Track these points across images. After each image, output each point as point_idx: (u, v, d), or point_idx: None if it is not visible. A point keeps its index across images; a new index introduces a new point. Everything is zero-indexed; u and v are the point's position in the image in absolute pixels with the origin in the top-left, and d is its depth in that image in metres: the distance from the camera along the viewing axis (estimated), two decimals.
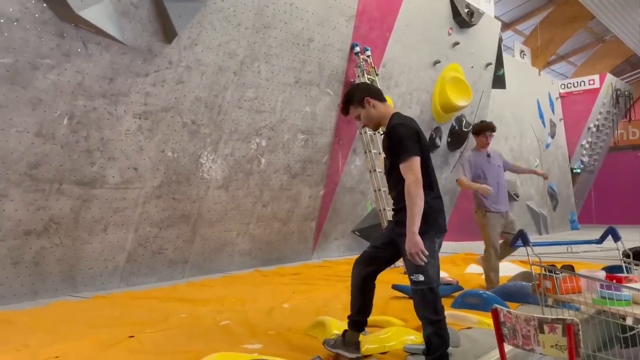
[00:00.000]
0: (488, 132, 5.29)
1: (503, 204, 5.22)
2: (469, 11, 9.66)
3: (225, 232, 6.97)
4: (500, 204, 5.19)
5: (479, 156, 5.32)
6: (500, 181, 5.27)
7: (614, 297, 2.51)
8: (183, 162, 6.18)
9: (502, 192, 5.24)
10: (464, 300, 4.44)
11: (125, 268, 5.99)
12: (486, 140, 5.30)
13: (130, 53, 5.31)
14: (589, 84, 16.69)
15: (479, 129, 5.35)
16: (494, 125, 5.42)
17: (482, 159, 5.30)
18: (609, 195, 19.67)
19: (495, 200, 5.16)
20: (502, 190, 5.24)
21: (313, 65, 7.25)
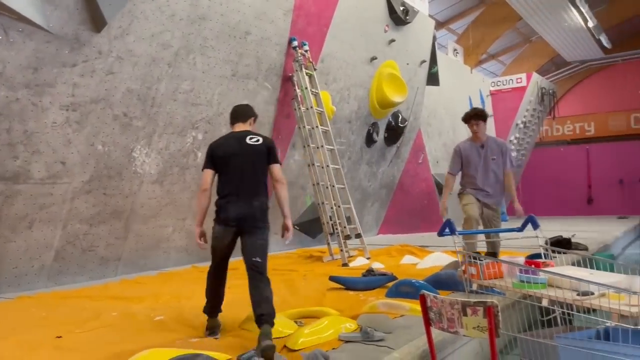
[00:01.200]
0: (473, 121, 5.07)
1: (486, 194, 5.14)
2: (404, 9, 9.89)
3: (160, 228, 6.81)
4: (481, 191, 5.13)
5: (471, 147, 5.14)
6: (493, 174, 5.11)
7: (531, 281, 2.68)
8: (114, 156, 5.98)
9: (491, 183, 5.11)
10: (398, 289, 4.58)
11: (53, 267, 5.73)
12: (472, 129, 5.11)
13: (56, 42, 5.07)
14: (516, 82, 17.53)
15: (464, 118, 5.19)
16: (479, 111, 5.18)
17: (473, 150, 5.13)
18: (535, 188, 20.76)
19: (476, 186, 5.12)
20: (492, 182, 5.10)
21: (250, 58, 7.20)
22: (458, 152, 5.20)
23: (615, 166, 20.17)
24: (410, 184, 12.37)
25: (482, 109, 5.29)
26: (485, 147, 5.12)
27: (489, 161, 5.09)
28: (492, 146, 5.15)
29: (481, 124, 5.10)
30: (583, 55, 19.64)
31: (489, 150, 5.11)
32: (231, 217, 3.55)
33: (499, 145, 5.22)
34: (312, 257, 7.79)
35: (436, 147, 13.59)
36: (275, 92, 7.78)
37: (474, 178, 5.18)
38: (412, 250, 7.98)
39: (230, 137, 3.60)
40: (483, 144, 5.13)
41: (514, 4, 14.05)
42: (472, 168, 5.11)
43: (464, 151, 5.18)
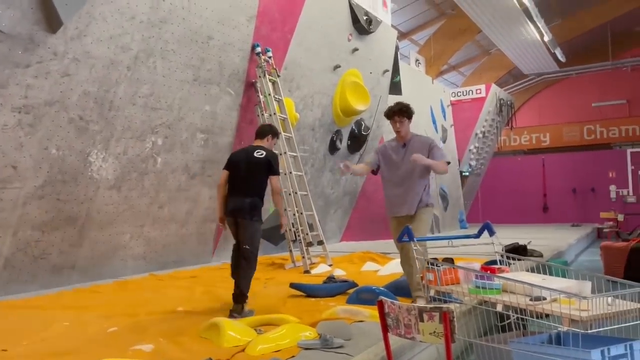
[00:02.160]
0: (396, 117, 4.40)
1: (402, 207, 4.42)
2: (367, 19, 10.01)
3: (117, 235, 6.63)
4: (397, 207, 4.46)
5: (391, 148, 4.52)
6: (409, 181, 4.40)
7: (486, 286, 2.72)
8: (69, 160, 5.79)
9: (407, 193, 4.39)
10: (359, 296, 4.59)
11: (2, 275, 5.48)
12: (395, 127, 4.45)
13: (8, 41, 4.89)
14: (476, 93, 17.98)
15: (386, 113, 4.53)
16: (403, 106, 4.46)
17: (392, 151, 4.51)
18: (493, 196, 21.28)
19: (392, 202, 4.50)
20: (408, 191, 4.39)
21: (213, 63, 7.13)
22: (378, 153, 4.63)
23: (569, 175, 20.91)
24: (373, 191, 12.45)
25: (407, 105, 4.52)
26: (408, 147, 4.44)
27: (407, 164, 4.38)
28: (416, 147, 4.41)
29: (405, 122, 4.44)
30: (539, 68, 20.33)
31: (410, 151, 4.37)
32: (229, 209, 4.45)
33: (422, 144, 4.47)
34: (274, 264, 7.74)
35: None
36: (238, 98, 7.72)
37: (389, 182, 4.54)
38: (374, 257, 8.03)
39: (245, 149, 4.74)
40: (405, 144, 4.47)
41: (473, 17, 14.44)
42: (386, 172, 4.52)
43: (383, 153, 4.59)
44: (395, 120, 4.44)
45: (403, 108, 4.46)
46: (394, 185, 4.49)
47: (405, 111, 4.46)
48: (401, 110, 4.46)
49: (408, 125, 4.52)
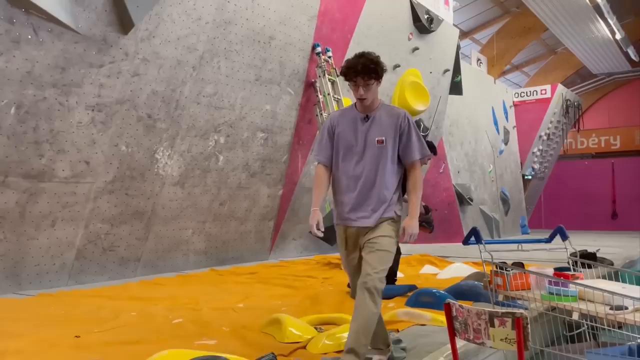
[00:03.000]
0: (360, 78, 2.78)
1: (357, 212, 2.86)
2: (428, 17, 9.83)
3: (180, 230, 6.83)
4: (350, 212, 2.87)
5: (347, 121, 2.92)
6: (372, 175, 2.84)
7: (561, 293, 2.59)
8: (137, 157, 6.02)
9: (368, 193, 2.84)
10: (418, 299, 4.50)
11: (74, 265, 5.77)
12: (358, 93, 2.82)
13: (84, 42, 5.14)
14: (541, 94, 17.30)
15: (344, 71, 2.86)
16: (370, 61, 2.77)
17: (347, 126, 2.91)
18: (557, 202, 20.41)
19: (344, 204, 2.91)
20: (369, 191, 2.84)
21: (274, 63, 7.21)
22: (328, 129, 2.99)
23: None
24: (431, 194, 12.23)
25: (376, 59, 2.83)
26: (373, 121, 2.89)
27: (371, 147, 2.86)
28: (383, 120, 2.88)
29: (373, 85, 2.83)
30: (610, 68, 19.31)
31: (375, 127, 2.88)
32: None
33: (392, 118, 2.89)
34: (330, 264, 7.73)
35: (458, 157, 13.44)
36: (297, 98, 7.78)
37: (342, 175, 2.93)
38: (432, 260, 7.87)
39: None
40: (368, 116, 2.90)
41: (540, 15, 13.89)
42: (342, 155, 2.91)
43: (337, 129, 2.96)
44: (358, 84, 2.78)
45: (370, 64, 2.76)
46: (348, 180, 2.89)
47: (373, 69, 2.76)
48: (367, 68, 2.75)
49: (377, 89, 2.87)
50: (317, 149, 3.03)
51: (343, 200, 2.93)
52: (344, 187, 2.92)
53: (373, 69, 2.79)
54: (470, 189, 13.51)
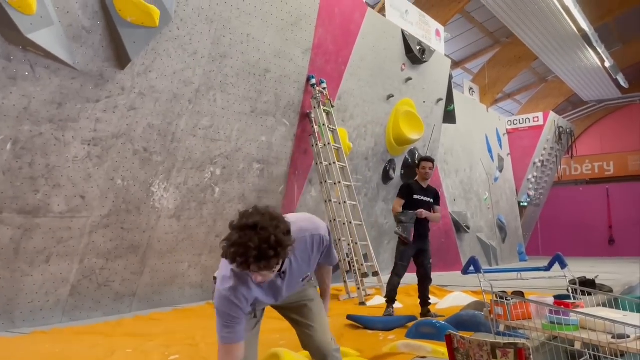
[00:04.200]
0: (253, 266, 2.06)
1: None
2: (420, 48, 10.01)
3: (176, 264, 6.76)
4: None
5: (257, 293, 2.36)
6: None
7: (562, 322, 2.56)
8: (133, 190, 6.00)
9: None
10: (418, 330, 4.44)
11: (69, 302, 5.68)
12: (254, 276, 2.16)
13: (81, 78, 5.18)
14: (533, 121, 17.50)
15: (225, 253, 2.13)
16: (262, 241, 1.99)
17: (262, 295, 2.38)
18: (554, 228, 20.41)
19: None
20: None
21: (269, 95, 7.29)
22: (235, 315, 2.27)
23: (637, 206, 19.80)
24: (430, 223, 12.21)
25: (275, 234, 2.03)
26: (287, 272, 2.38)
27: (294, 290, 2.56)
28: (299, 261, 2.38)
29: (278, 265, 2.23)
30: (600, 95, 19.62)
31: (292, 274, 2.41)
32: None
33: (307, 252, 2.41)
34: None
35: (453, 184, 13.49)
36: (293, 129, 7.83)
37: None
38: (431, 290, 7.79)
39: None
40: (284, 271, 2.39)
41: (530, 44, 14.17)
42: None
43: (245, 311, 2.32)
44: (254, 272, 2.08)
45: (269, 249, 2.01)
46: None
47: (274, 255, 2.02)
48: (265, 255, 2.01)
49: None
50: (225, 335, 2.19)
51: None
52: None
53: (273, 255, 2.00)
54: (466, 217, 13.51)
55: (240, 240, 1.97)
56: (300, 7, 7.41)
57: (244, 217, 2.04)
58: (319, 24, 7.78)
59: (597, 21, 14.38)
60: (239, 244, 1.98)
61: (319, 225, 2.40)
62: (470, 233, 13.55)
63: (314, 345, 2.50)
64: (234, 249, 1.99)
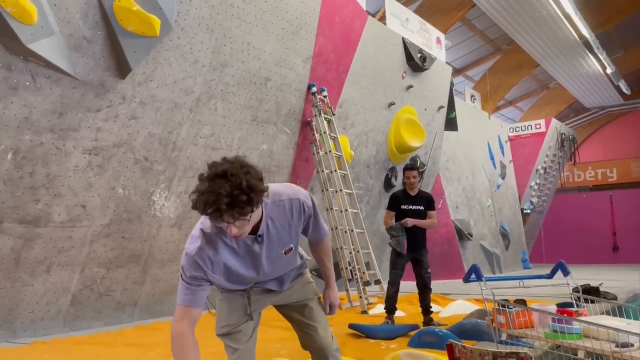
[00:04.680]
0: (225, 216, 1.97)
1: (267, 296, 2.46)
2: (421, 56, 10.02)
3: (177, 273, 6.71)
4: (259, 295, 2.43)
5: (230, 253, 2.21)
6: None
7: (565, 331, 2.53)
8: (134, 199, 6.00)
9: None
10: (420, 339, 4.41)
11: (69, 311, 5.66)
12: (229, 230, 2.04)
13: (82, 87, 5.19)
14: (535, 128, 17.48)
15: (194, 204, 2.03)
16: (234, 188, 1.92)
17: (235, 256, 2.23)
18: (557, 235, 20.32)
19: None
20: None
21: (270, 103, 7.29)
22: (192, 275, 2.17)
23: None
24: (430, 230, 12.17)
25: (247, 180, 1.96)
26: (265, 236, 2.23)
27: (275, 263, 2.36)
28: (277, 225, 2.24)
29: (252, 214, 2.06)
30: (602, 102, 19.60)
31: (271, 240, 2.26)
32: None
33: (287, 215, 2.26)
34: None
35: (455, 192, 13.45)
36: (294, 137, 7.83)
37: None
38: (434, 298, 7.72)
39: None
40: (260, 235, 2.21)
41: (530, 51, 14.18)
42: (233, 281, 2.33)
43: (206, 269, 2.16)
44: (228, 222, 1.98)
45: (241, 195, 1.92)
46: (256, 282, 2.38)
47: (246, 200, 1.93)
48: (237, 201, 1.92)
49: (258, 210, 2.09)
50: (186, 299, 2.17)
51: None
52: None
53: (246, 201, 1.90)
54: (469, 224, 13.46)
55: (210, 188, 1.89)
56: (300, 15, 7.43)
57: (213, 167, 1.97)
58: (320, 32, 7.80)
59: (598, 28, 14.39)
60: (209, 192, 1.88)
61: (299, 190, 2.26)
62: (473, 240, 13.49)
63: (315, 345, 2.47)
64: (204, 197, 1.89)
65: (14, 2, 4.34)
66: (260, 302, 2.42)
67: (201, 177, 1.97)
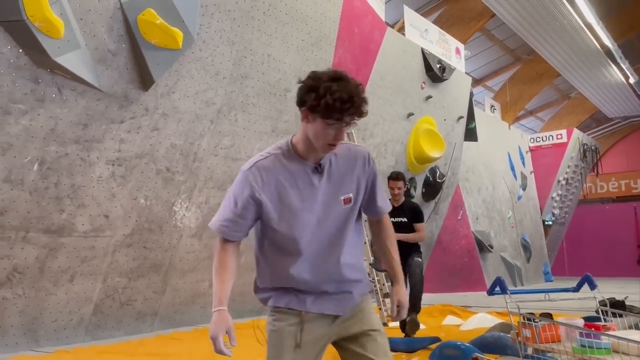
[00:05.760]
0: (346, 116, 1.85)
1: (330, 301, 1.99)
2: (440, 66, 10.00)
3: (197, 283, 6.77)
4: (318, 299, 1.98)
5: (289, 174, 1.95)
6: (338, 244, 1.98)
7: (593, 346, 2.48)
8: (156, 209, 6.06)
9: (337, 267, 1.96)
10: (442, 352, 4.35)
11: (92, 320, 5.72)
12: (334, 135, 1.89)
13: (106, 99, 5.29)
14: (557, 139, 17.26)
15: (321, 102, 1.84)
16: (361, 93, 1.85)
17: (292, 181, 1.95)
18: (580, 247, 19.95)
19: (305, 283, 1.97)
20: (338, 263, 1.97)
21: (290, 114, 7.33)
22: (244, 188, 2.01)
23: None
24: (450, 241, 12.06)
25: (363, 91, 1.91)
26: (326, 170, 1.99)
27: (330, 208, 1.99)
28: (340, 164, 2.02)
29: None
30: (625, 111, 19.30)
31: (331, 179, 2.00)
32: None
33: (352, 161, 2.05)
34: None
35: (475, 203, 13.32)
36: None
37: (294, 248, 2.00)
38: (455, 311, 7.66)
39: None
40: (320, 164, 1.98)
41: (551, 61, 14.06)
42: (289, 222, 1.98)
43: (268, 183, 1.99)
44: (341, 126, 1.87)
45: (364, 103, 1.88)
46: (310, 252, 1.96)
47: (365, 111, 1.90)
48: (363, 107, 1.88)
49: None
50: (228, 218, 2.00)
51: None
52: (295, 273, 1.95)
53: (366, 101, 1.87)
54: (489, 236, 13.30)
55: (339, 87, 1.78)
56: (320, 27, 7.48)
57: (322, 73, 1.85)
58: (339, 43, 7.83)
59: (620, 37, 14.21)
60: (339, 90, 1.78)
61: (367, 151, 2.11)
62: (494, 252, 13.32)
63: None
64: (337, 94, 1.77)
65: (42, 17, 4.45)
66: (315, 334, 1.94)
67: (314, 79, 1.83)
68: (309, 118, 1.86)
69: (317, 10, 7.38)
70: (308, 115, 1.86)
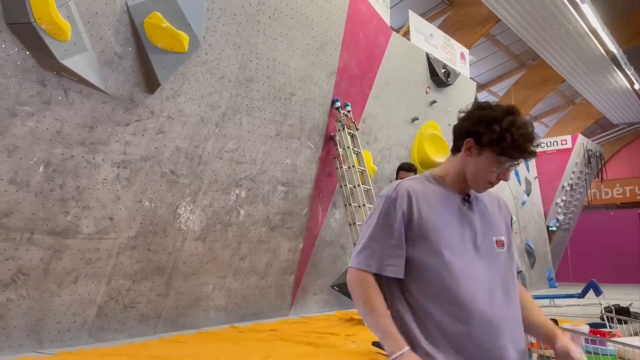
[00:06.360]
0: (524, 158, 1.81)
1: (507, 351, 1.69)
2: (445, 71, 10.01)
3: (200, 286, 6.77)
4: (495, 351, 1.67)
5: (439, 200, 1.81)
6: (509, 286, 1.78)
7: (599, 352, 2.46)
8: (160, 212, 6.07)
9: (511, 314, 1.75)
10: None
11: (95, 323, 5.72)
12: (500, 174, 1.84)
13: (112, 102, 5.31)
14: (561, 144, 17.23)
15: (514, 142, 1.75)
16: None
17: (446, 208, 1.80)
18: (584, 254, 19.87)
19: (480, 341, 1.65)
20: (512, 309, 1.76)
21: (294, 118, 7.34)
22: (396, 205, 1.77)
23: None
24: None
25: None
26: (474, 204, 1.88)
27: (486, 248, 1.77)
28: (486, 203, 1.94)
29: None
30: (630, 118, 19.25)
31: (484, 214, 1.89)
32: None
33: (494, 202, 2.01)
34: (352, 319, 7.54)
35: None
36: (317, 151, 7.86)
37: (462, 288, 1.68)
38: None
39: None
40: (469, 195, 1.90)
41: (556, 67, 14.05)
42: (455, 253, 1.71)
43: (413, 203, 1.78)
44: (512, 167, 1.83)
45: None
46: (481, 293, 1.68)
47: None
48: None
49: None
50: (376, 248, 1.70)
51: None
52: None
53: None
54: None
55: (522, 121, 1.67)
56: (325, 31, 7.50)
57: (498, 105, 1.76)
58: (344, 48, 7.85)
59: (626, 43, 14.19)
60: (525, 126, 1.67)
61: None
62: None
63: None
64: (524, 130, 1.66)
65: (49, 19, 4.48)
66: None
67: (493, 111, 1.71)
68: (472, 151, 1.75)
69: (323, 14, 7.40)
70: (473, 148, 1.74)
